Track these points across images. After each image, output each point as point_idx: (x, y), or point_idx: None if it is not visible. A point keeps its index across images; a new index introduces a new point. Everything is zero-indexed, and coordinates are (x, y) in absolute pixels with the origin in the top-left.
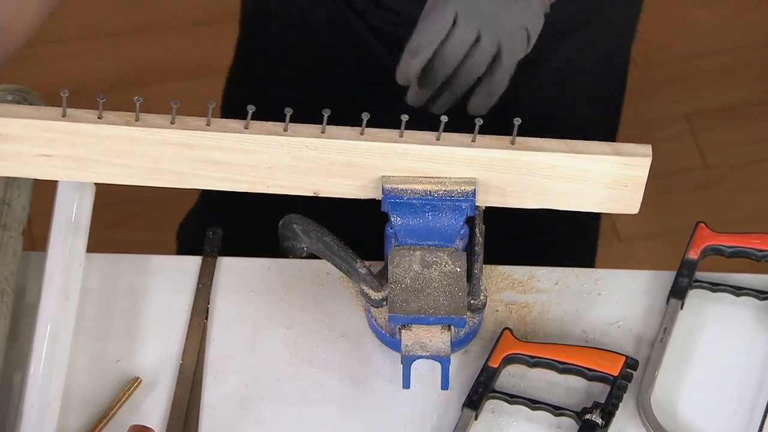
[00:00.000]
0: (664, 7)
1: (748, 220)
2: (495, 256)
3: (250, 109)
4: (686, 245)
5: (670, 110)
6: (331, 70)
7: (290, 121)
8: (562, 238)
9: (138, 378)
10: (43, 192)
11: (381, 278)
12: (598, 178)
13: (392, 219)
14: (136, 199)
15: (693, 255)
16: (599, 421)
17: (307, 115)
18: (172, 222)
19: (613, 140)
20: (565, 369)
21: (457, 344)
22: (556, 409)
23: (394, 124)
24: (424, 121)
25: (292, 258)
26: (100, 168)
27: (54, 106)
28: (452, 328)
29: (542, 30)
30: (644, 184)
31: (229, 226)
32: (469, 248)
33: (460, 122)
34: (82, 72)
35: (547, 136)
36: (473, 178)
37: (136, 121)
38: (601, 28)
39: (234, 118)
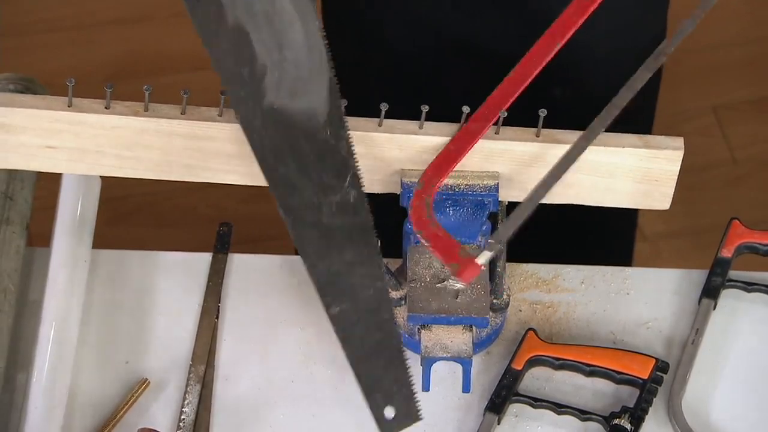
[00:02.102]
0: None
1: None
2: (519, 254)
3: None
4: (718, 244)
5: (697, 103)
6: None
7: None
8: (593, 237)
9: (146, 380)
10: (45, 186)
11: (399, 276)
12: (627, 172)
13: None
14: (138, 194)
15: (726, 253)
16: (628, 426)
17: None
18: (176, 218)
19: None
20: (592, 372)
21: (478, 345)
22: (583, 414)
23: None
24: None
25: None
26: (107, 160)
27: (58, 96)
28: (474, 328)
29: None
30: (676, 178)
31: None
32: None
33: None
34: (83, 61)
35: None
36: (496, 172)
37: (144, 111)
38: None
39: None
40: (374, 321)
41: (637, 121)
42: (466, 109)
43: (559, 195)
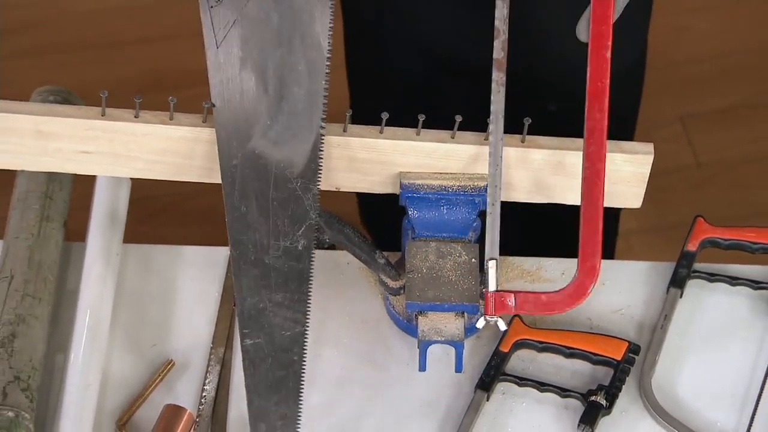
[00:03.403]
0: (663, 15)
1: (738, 216)
2: (507, 248)
3: None
4: (684, 239)
5: (666, 113)
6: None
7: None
8: (575, 234)
9: (171, 361)
10: (81, 187)
11: (399, 268)
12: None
13: (409, 212)
14: (164, 194)
15: (691, 247)
16: (603, 402)
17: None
18: (198, 216)
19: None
20: (571, 353)
21: (470, 330)
22: (563, 391)
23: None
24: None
25: (316, 249)
26: (136, 164)
27: (93, 106)
28: (465, 314)
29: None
30: (647, 179)
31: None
32: (481, 240)
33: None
34: (115, 75)
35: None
36: (485, 174)
37: (170, 120)
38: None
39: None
40: (283, 360)
41: (622, 128)
42: (458, 117)
43: (542, 195)
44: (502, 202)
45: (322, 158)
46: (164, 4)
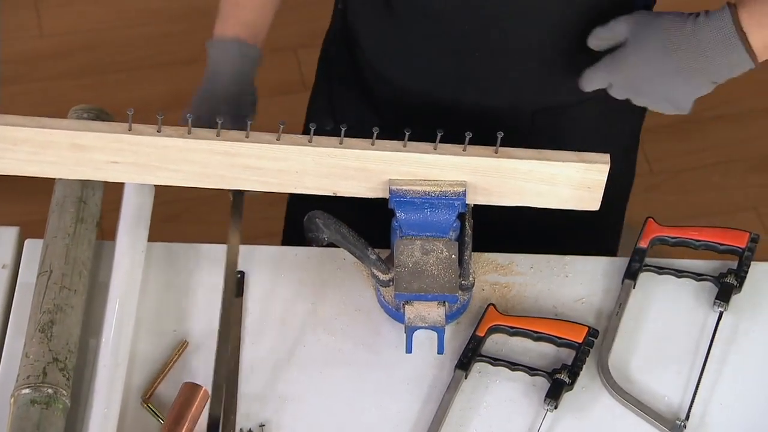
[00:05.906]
0: None
1: (684, 216)
2: (482, 245)
3: (282, 124)
4: (637, 236)
5: None
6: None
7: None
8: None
9: (186, 341)
10: (110, 193)
11: (388, 263)
12: (566, 180)
13: (397, 214)
14: (182, 199)
15: (643, 244)
16: (567, 379)
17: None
18: (212, 217)
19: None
20: (538, 337)
21: (450, 317)
22: (531, 370)
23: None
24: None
25: (315, 246)
26: (159, 172)
27: (121, 122)
28: (446, 303)
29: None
30: (603, 185)
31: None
32: (460, 238)
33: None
34: (141, 95)
35: None
36: (464, 181)
37: (188, 134)
38: None
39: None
40: None
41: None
42: (440, 131)
43: (513, 199)
44: (477, 205)
45: None
46: (183, 33)
